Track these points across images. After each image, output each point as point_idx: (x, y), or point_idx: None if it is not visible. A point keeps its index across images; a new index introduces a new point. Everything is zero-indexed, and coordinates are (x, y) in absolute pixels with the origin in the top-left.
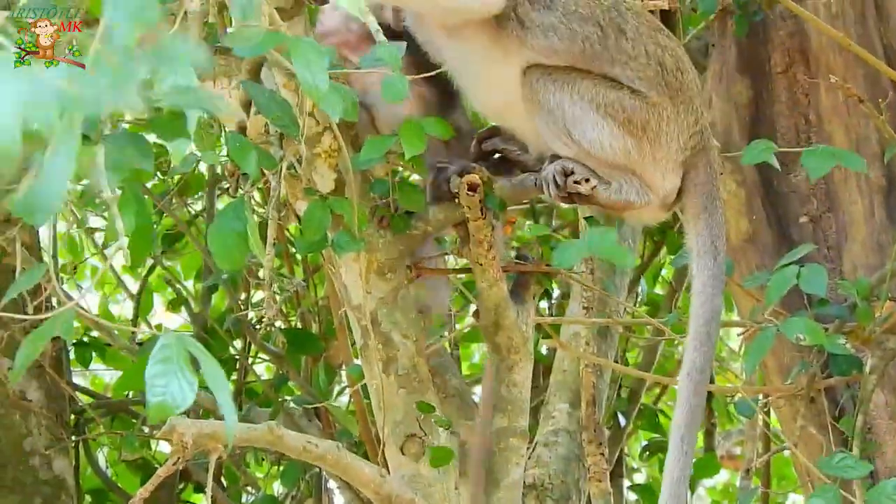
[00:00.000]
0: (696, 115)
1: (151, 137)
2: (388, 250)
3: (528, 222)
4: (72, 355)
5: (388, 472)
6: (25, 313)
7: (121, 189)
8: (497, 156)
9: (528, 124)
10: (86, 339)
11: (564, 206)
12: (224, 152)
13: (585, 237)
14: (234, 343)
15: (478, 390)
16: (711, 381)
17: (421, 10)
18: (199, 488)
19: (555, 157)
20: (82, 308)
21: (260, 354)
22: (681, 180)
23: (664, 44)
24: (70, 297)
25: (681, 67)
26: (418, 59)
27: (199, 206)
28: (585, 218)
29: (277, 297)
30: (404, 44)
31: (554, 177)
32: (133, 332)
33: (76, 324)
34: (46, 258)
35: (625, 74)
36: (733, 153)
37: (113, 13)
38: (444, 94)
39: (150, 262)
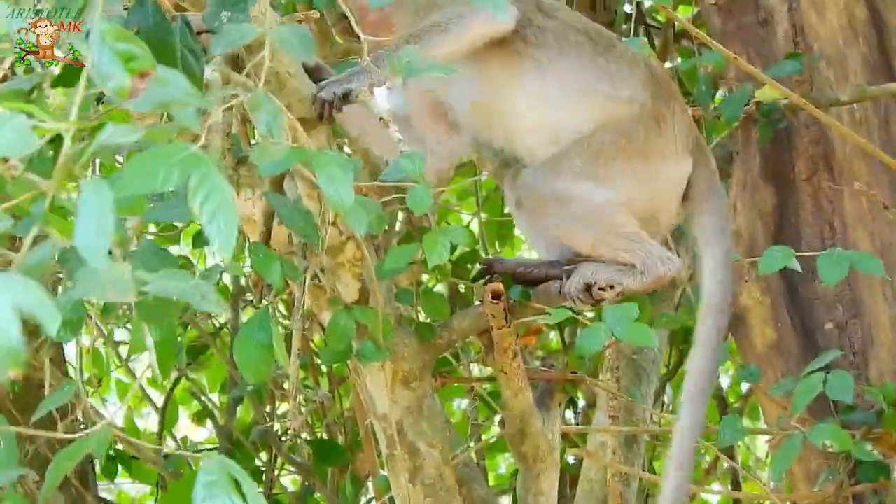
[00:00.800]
0: (689, 119)
1: (175, 250)
2: (412, 359)
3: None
4: (98, 468)
5: None
6: (51, 426)
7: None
8: None
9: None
10: (112, 452)
11: None
12: (248, 263)
13: (605, 318)
14: (260, 455)
15: (504, 501)
16: (738, 489)
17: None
18: None
19: (570, 262)
20: (114, 426)
21: (286, 466)
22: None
23: (653, 63)
24: (101, 415)
25: (670, 80)
26: None
27: (223, 318)
28: None
29: (303, 409)
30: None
31: (578, 293)
32: (159, 446)
33: None
34: (73, 373)
35: (616, 70)
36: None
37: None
38: None
39: (175, 374)
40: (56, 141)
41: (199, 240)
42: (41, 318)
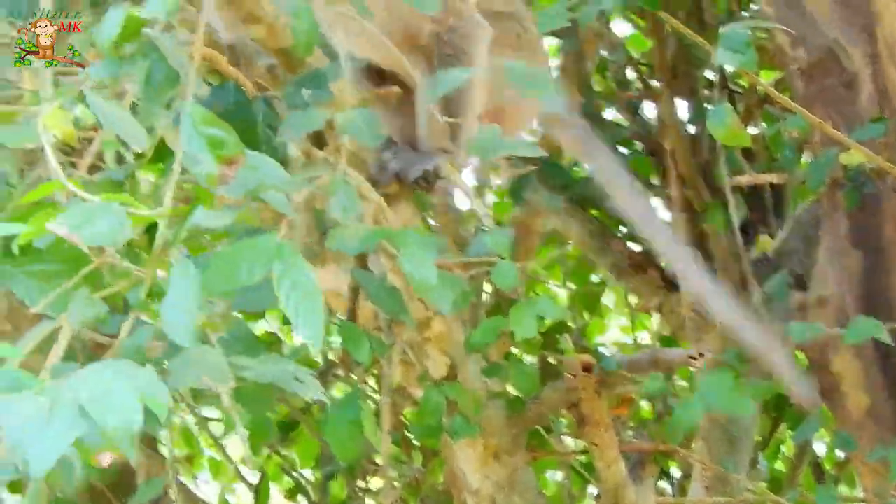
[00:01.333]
0: None
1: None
2: (503, 434)
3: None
4: None
5: None
6: None
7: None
8: None
9: None
10: None
11: None
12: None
13: (700, 390)
14: None
15: None
16: None
17: None
18: None
19: None
20: None
21: None
22: None
23: None
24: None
25: None
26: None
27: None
28: None
29: (396, 484)
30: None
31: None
32: None
33: None
34: (165, 452)
35: None
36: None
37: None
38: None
39: (267, 451)
40: (150, 228)
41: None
42: (153, 403)
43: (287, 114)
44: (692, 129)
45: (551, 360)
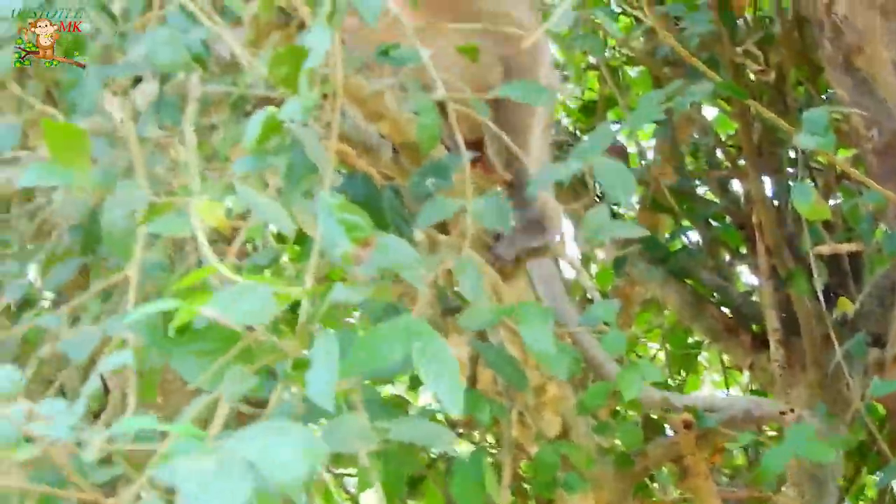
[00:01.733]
0: None
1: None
2: (612, 488)
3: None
4: None
5: None
6: None
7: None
8: None
9: None
10: None
11: None
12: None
13: (786, 439)
14: None
15: None
16: None
17: None
18: None
19: None
20: None
21: None
22: None
23: None
24: None
25: None
26: None
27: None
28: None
29: None
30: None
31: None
32: None
33: None
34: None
35: None
36: None
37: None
38: None
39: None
40: (294, 305)
41: (416, 381)
42: (315, 458)
43: (412, 201)
44: (777, 203)
45: (653, 416)
